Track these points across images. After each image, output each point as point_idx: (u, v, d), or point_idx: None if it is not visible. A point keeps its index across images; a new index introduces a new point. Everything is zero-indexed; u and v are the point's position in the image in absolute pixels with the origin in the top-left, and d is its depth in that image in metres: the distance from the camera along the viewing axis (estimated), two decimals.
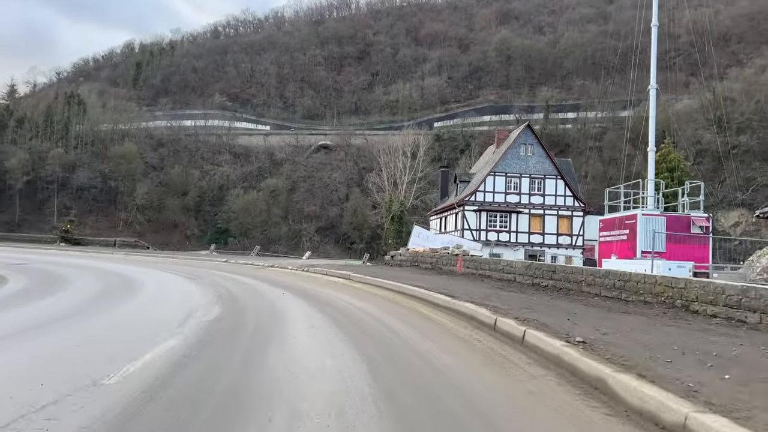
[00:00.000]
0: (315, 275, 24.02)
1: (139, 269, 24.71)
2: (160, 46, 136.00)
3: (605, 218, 24.16)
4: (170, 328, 8.85)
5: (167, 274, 22.44)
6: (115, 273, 21.82)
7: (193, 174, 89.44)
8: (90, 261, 29.76)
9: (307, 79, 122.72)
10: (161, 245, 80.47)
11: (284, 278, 21.77)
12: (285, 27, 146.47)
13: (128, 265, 27.83)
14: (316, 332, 9.04)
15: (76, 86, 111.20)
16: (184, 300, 13.15)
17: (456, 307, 11.51)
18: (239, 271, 25.61)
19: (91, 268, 24.49)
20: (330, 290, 16.79)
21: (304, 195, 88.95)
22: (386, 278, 17.99)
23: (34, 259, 30.26)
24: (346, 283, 19.40)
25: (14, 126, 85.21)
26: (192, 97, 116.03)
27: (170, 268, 26.00)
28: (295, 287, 17.60)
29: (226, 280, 19.50)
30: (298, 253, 79.05)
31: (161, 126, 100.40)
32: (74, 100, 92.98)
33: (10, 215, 77.07)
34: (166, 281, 19.01)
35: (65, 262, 27.28)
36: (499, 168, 43.03)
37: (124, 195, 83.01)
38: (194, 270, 25.38)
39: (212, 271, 25.31)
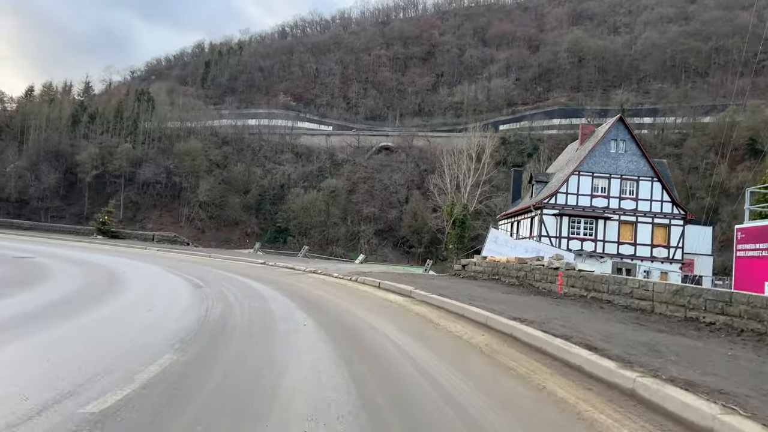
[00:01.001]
0: (364, 288, 17.46)
1: (145, 269, 20.63)
2: (228, 46, 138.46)
3: (747, 227, 17.75)
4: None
5: (172, 276, 18.11)
6: (111, 273, 17.78)
7: (255, 172, 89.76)
8: (102, 257, 25.52)
9: (371, 80, 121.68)
10: (222, 242, 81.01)
11: (321, 291, 16.07)
12: (351, 27, 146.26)
13: (138, 261, 23.83)
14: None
15: (147, 84, 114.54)
16: (144, 331, 8.07)
17: (651, 396, 5.10)
18: (267, 278, 19.92)
19: (93, 264, 20.92)
20: (383, 320, 10.42)
21: (363, 196, 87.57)
22: (462, 299, 11.94)
23: (45, 251, 26.43)
24: (407, 306, 12.63)
25: (87, 121, 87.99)
26: (257, 97, 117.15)
27: (186, 270, 20.80)
28: (330, 310, 11.85)
29: (236, 291, 14.10)
30: (356, 255, 77.73)
31: (226, 124, 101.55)
32: (144, 97, 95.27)
33: (80, 207, 79.37)
34: (156, 291, 13.92)
35: (76, 258, 23.58)
36: (584, 167, 37.21)
37: (187, 191, 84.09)
38: (211, 273, 20.13)
39: (234, 276, 19.91)
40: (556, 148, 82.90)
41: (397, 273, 24.52)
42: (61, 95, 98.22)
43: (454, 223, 47.86)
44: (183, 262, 25.83)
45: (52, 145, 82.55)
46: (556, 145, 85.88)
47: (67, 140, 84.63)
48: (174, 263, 24.64)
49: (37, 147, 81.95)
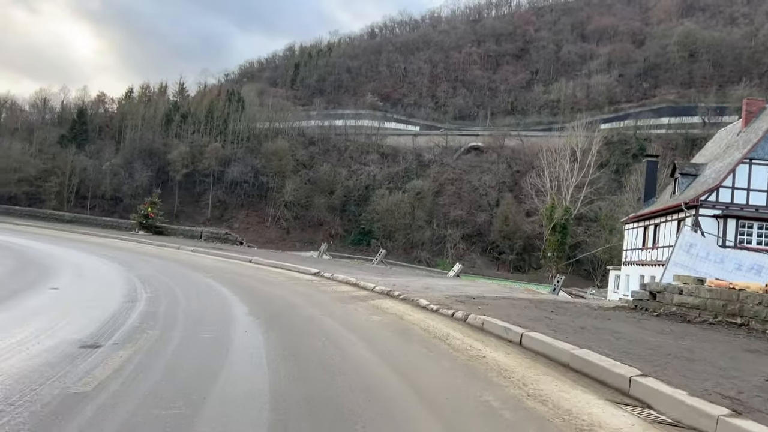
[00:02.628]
0: (507, 361, 6.73)
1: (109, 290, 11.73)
2: (318, 48, 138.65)
3: None
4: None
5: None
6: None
7: (340, 173, 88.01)
8: (96, 260, 17.05)
9: (461, 78, 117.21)
10: (306, 243, 79.53)
11: (409, 373, 6.05)
12: (441, 26, 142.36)
13: (155, 272, 14.94)
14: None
15: (239, 86, 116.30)
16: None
17: None
18: (297, 314, 10.14)
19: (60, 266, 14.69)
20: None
21: (450, 198, 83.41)
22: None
23: (32, 248, 19.66)
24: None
25: (179, 121, 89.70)
26: (345, 97, 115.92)
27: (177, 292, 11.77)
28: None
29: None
30: (443, 261, 73.72)
31: (313, 125, 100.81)
32: (234, 98, 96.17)
33: (170, 205, 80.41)
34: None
35: (72, 260, 16.62)
36: (758, 153, 28.15)
37: (273, 191, 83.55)
38: (200, 300, 11.12)
39: (236, 310, 10.08)
40: (666, 148, 75.01)
41: (523, 298, 13.62)
42: (156, 96, 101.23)
43: (553, 229, 42.81)
44: (195, 272, 16.21)
45: (146, 144, 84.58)
46: (665, 144, 77.93)
47: (160, 139, 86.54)
48: (173, 273, 15.31)
49: (133, 146, 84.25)
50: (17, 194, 72.03)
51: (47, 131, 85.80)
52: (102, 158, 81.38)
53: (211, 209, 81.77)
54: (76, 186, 77.67)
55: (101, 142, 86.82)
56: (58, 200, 74.28)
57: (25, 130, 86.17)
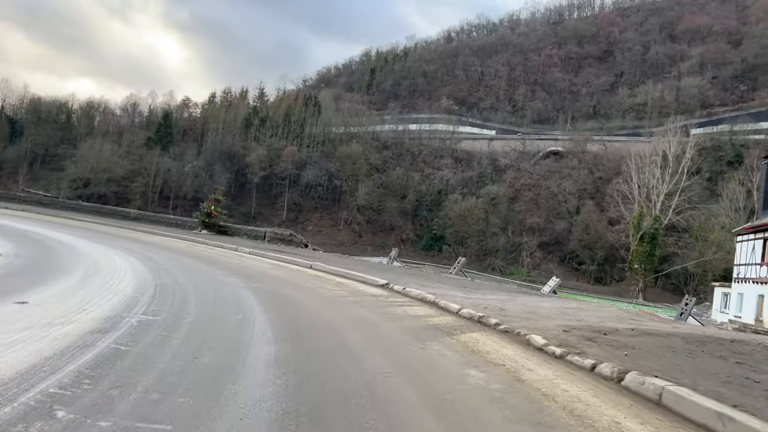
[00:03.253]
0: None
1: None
2: (394, 53, 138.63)
3: None
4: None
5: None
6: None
7: (413, 177, 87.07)
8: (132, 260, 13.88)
9: (540, 81, 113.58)
10: (377, 248, 79.10)
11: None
12: (520, 29, 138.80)
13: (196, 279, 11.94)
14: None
15: (317, 92, 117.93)
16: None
17: None
18: (378, 344, 7.11)
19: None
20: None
21: (527, 205, 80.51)
22: None
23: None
24: None
25: (258, 125, 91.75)
26: (419, 101, 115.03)
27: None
28: None
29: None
30: (516, 268, 71.15)
31: (387, 129, 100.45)
32: (311, 102, 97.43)
33: (248, 207, 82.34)
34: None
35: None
36: None
37: (346, 194, 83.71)
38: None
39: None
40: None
41: (668, 332, 9.31)
42: (237, 101, 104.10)
43: (641, 238, 39.79)
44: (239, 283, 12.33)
45: (226, 147, 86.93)
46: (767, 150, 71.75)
47: (240, 142, 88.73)
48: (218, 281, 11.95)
49: (213, 148, 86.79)
50: (106, 193, 75.80)
51: (135, 134, 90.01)
52: (185, 160, 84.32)
53: (286, 211, 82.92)
54: (160, 186, 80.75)
55: (184, 144, 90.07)
56: (143, 200, 77.48)
57: (116, 132, 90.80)
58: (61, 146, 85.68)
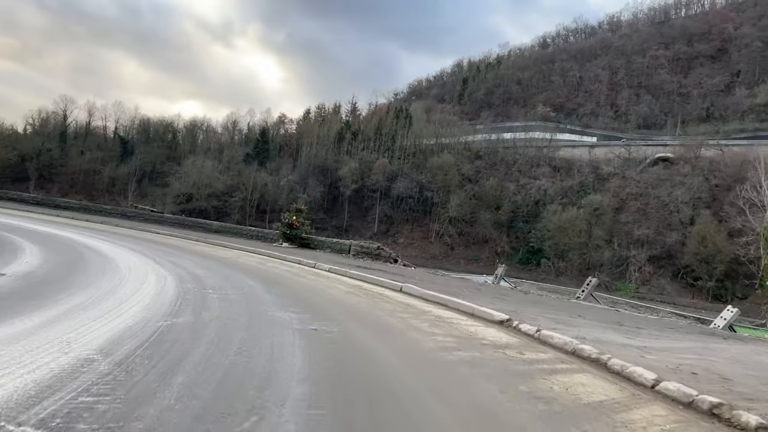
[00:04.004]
0: None
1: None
2: (486, 61, 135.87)
3: None
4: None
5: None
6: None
7: (507, 187, 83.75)
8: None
9: (645, 84, 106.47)
10: (470, 261, 76.50)
11: None
12: (621, 30, 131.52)
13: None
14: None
15: (408, 104, 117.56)
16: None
17: None
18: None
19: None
20: None
21: (634, 215, 74.78)
22: None
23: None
24: None
25: (350, 138, 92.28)
26: (514, 110, 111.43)
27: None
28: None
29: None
30: (623, 283, 65.96)
31: (480, 139, 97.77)
32: (402, 114, 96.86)
33: (340, 220, 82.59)
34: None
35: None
36: None
37: (438, 206, 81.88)
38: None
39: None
40: None
41: None
42: (330, 116, 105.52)
43: None
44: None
45: (320, 161, 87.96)
46: None
47: (333, 156, 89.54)
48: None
49: (308, 162, 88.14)
50: (207, 208, 78.74)
51: (234, 150, 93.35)
52: (280, 174, 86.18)
53: (377, 224, 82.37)
54: (257, 200, 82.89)
55: (280, 159, 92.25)
56: (241, 214, 79.76)
57: (217, 149, 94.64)
58: (167, 163, 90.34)
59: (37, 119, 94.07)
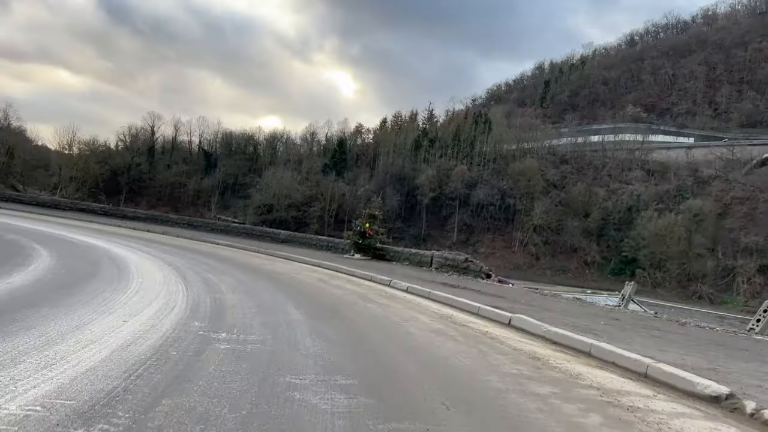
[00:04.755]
0: None
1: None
2: (570, 63, 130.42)
3: None
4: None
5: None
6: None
7: (596, 193, 78.85)
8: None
9: (747, 79, 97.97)
10: (557, 272, 72.40)
11: None
12: (717, 23, 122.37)
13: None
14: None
15: (486, 109, 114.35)
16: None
17: None
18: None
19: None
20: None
21: (740, 221, 68.19)
22: None
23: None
24: None
25: (427, 146, 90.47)
26: (601, 111, 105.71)
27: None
28: None
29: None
30: (730, 296, 59.97)
31: (565, 142, 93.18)
32: (481, 119, 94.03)
33: (417, 229, 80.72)
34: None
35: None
36: None
37: (521, 214, 78.30)
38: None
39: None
40: None
41: None
42: (407, 124, 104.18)
43: None
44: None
45: (397, 170, 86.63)
46: None
47: (410, 164, 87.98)
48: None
49: (384, 171, 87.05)
50: (287, 218, 79.15)
51: (313, 161, 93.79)
52: (358, 184, 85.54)
53: (456, 233, 79.81)
54: (335, 210, 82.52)
55: (357, 169, 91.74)
56: (320, 224, 79.56)
57: (296, 161, 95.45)
58: (248, 175, 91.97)
59: (127, 135, 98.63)
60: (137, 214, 30.77)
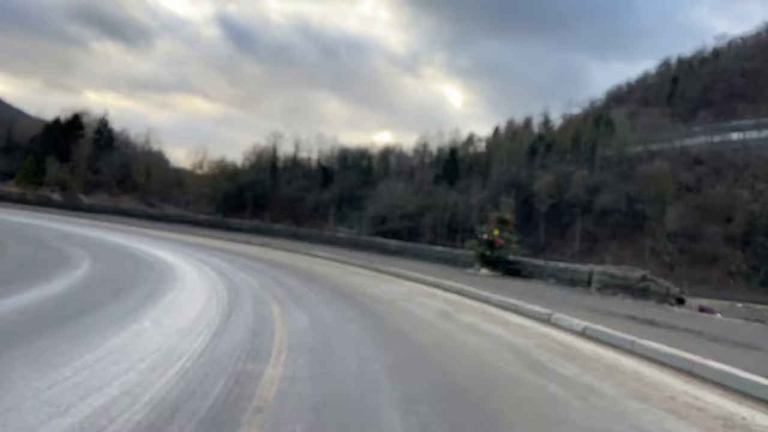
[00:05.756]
0: None
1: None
2: (700, 56, 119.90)
3: None
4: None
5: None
6: None
7: (740, 195, 71.19)
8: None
9: None
10: (696, 283, 65.75)
11: None
12: None
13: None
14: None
15: (607, 111, 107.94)
16: None
17: None
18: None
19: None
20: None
21: None
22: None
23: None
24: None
25: (543, 151, 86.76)
26: (740, 106, 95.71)
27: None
28: None
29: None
30: None
31: (698, 142, 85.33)
32: (602, 121, 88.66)
33: (535, 238, 77.08)
34: None
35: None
36: None
37: (651, 220, 72.32)
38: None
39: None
40: None
41: None
42: (521, 130, 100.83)
43: None
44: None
45: (511, 177, 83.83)
46: None
47: (525, 171, 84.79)
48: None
49: (498, 180, 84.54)
50: (400, 229, 78.95)
51: (425, 172, 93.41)
52: (470, 193, 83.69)
53: (579, 241, 75.31)
54: (448, 220, 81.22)
55: (469, 178, 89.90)
56: (432, 234, 78.60)
57: (408, 172, 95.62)
58: (363, 188, 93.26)
59: (252, 154, 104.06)
60: (242, 225, 31.21)
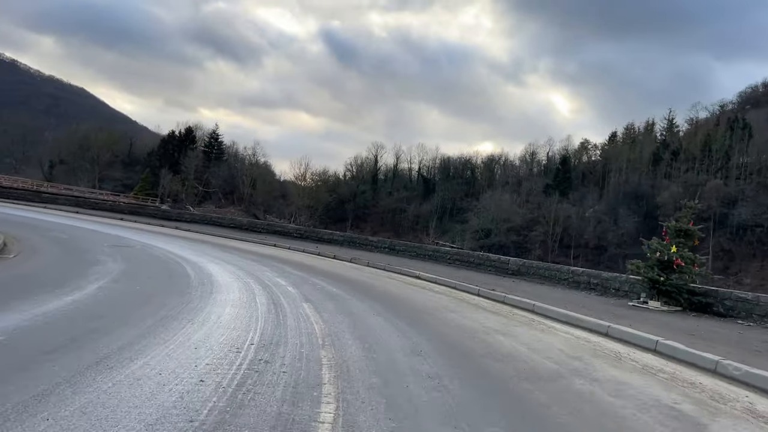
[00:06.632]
0: None
1: None
2: None
3: None
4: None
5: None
6: None
7: None
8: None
9: None
10: None
11: None
12: None
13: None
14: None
15: (741, 115, 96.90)
16: None
17: None
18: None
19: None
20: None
21: None
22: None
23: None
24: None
25: (668, 159, 78.67)
26: None
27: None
28: None
29: None
30: None
31: None
32: (737, 125, 79.10)
33: None
34: None
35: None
36: None
37: None
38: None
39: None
40: None
41: None
42: (642, 136, 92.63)
43: None
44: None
45: (631, 187, 76.78)
46: None
47: (647, 181, 77.34)
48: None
49: (616, 190, 77.81)
50: (506, 243, 74.44)
51: (533, 182, 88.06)
52: (584, 205, 77.62)
53: (712, 260, 66.95)
54: (560, 235, 75.67)
55: (584, 189, 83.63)
56: (543, 249, 73.46)
57: (514, 183, 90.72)
58: (466, 199, 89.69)
59: (353, 166, 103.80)
60: (333, 236, 29.03)
